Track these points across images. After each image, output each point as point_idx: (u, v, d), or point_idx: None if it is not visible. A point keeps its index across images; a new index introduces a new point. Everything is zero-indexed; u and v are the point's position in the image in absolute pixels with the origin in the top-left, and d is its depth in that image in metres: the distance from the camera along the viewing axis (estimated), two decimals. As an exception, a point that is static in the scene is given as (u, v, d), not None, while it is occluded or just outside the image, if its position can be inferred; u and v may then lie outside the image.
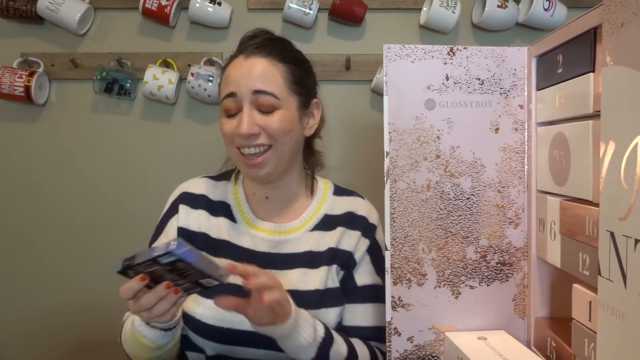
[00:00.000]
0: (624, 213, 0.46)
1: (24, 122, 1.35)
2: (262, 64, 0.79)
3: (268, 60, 0.80)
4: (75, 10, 1.26)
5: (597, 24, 0.54)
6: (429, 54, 0.71)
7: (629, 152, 0.45)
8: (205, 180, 0.92)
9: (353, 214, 0.89)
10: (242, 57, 0.81)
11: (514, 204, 0.73)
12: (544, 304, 0.72)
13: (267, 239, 0.85)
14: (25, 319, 1.38)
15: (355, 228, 0.87)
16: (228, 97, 0.79)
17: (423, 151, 0.71)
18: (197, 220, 0.87)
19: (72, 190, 1.36)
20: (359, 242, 0.87)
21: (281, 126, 0.78)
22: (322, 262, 0.84)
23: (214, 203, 0.88)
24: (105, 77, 1.29)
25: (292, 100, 0.81)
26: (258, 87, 0.77)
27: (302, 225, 0.87)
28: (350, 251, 0.86)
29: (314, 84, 0.88)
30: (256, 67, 0.79)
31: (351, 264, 0.86)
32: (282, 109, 0.79)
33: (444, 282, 0.72)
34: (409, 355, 0.73)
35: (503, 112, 0.72)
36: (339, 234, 0.86)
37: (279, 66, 0.80)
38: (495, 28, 1.32)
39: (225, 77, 0.82)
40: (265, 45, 0.81)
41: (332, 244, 0.85)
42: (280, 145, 0.79)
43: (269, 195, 0.88)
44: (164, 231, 0.87)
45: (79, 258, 1.36)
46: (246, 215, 0.87)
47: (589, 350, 0.55)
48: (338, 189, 0.94)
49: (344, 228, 0.87)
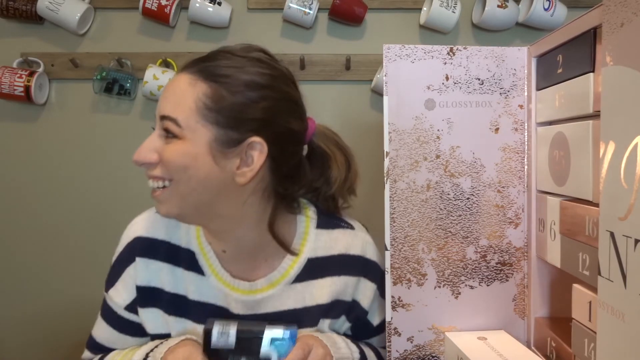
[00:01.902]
0: (623, 213, 0.46)
1: (24, 122, 1.35)
2: (182, 82, 0.62)
3: (191, 77, 0.62)
4: (75, 10, 1.26)
5: (597, 24, 0.54)
6: (429, 54, 0.71)
7: (628, 152, 0.45)
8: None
9: (345, 256, 0.74)
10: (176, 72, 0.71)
11: (514, 204, 0.73)
12: (544, 304, 0.72)
13: (241, 300, 0.70)
14: (25, 320, 1.38)
15: (352, 274, 0.74)
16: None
17: (423, 151, 0.71)
18: (159, 275, 0.70)
19: (72, 191, 1.36)
20: (361, 287, 0.75)
21: (174, 159, 0.61)
22: (308, 321, 0.72)
23: (177, 251, 0.71)
24: (105, 77, 1.29)
25: (201, 131, 0.61)
26: (163, 112, 0.62)
27: (281, 278, 0.71)
28: (355, 300, 0.75)
29: (268, 119, 0.63)
30: (173, 85, 0.63)
31: (360, 314, 0.76)
32: (182, 140, 0.61)
33: (444, 282, 0.72)
34: (409, 355, 0.73)
35: (503, 112, 0.72)
36: (332, 285, 0.72)
37: (198, 86, 0.61)
38: (495, 28, 1.32)
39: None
40: (205, 60, 0.65)
41: (322, 299, 0.72)
42: (177, 184, 0.62)
43: (225, 248, 0.71)
44: (121, 279, 0.71)
45: (78, 258, 1.37)
46: (215, 268, 0.71)
47: (589, 350, 0.55)
48: (322, 220, 0.75)
49: (337, 277, 0.73)
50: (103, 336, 0.74)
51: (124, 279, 0.71)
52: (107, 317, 0.74)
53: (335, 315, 0.74)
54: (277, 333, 0.64)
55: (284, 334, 0.64)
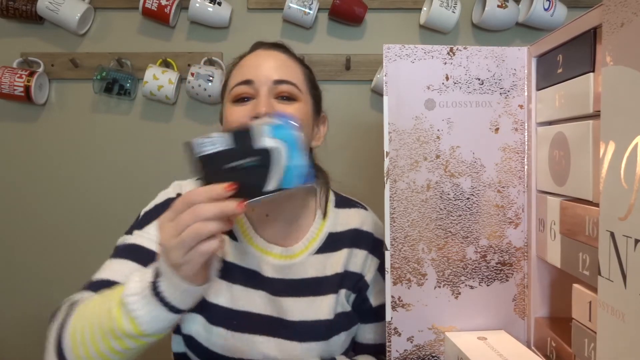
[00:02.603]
0: (624, 213, 0.46)
1: (24, 122, 1.35)
2: (282, 57, 0.76)
3: (289, 57, 0.78)
4: (75, 10, 1.26)
5: (597, 24, 0.54)
6: (428, 54, 0.71)
7: (629, 152, 0.45)
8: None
9: (359, 230, 0.83)
10: (262, 49, 0.78)
11: (514, 204, 0.73)
12: (544, 304, 0.72)
13: (273, 264, 0.77)
14: (25, 320, 1.38)
15: (362, 247, 0.82)
16: (242, 84, 0.73)
17: (423, 151, 0.71)
18: None
19: (72, 191, 1.36)
20: (368, 262, 0.82)
21: (300, 117, 0.73)
22: (329, 288, 0.78)
23: None
24: (105, 77, 1.29)
25: (309, 98, 0.77)
26: (279, 77, 0.73)
27: (306, 248, 0.79)
28: (360, 273, 0.81)
29: (320, 98, 0.84)
30: (277, 58, 0.75)
31: (362, 287, 0.81)
32: (301, 102, 0.74)
33: (444, 282, 0.72)
34: (409, 355, 0.73)
35: (503, 112, 0.72)
36: (345, 256, 0.80)
37: (298, 64, 0.78)
38: (495, 28, 1.32)
39: (239, 66, 0.77)
40: (281, 45, 0.80)
41: (338, 268, 0.79)
42: None
43: (270, 212, 0.79)
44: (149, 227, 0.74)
45: (78, 258, 1.37)
46: (249, 234, 0.78)
47: (589, 350, 0.55)
48: (340, 199, 0.87)
49: (349, 249, 0.81)
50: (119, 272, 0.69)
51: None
52: (127, 254, 0.71)
53: (349, 286, 0.80)
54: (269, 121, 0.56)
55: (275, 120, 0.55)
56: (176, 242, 0.51)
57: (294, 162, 0.54)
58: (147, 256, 0.70)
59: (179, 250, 0.51)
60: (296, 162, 0.54)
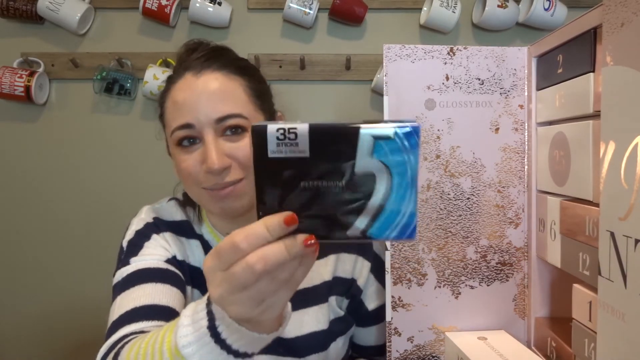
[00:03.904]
0: (624, 213, 0.46)
1: (24, 122, 1.35)
2: (219, 80, 0.65)
3: (224, 74, 0.66)
4: (75, 10, 1.26)
5: (597, 24, 0.54)
6: (429, 54, 0.71)
7: (629, 152, 0.45)
8: (176, 205, 0.77)
9: None
10: (191, 75, 0.66)
11: (514, 204, 0.73)
12: (544, 304, 0.72)
13: None
14: (25, 320, 1.38)
15: (350, 251, 0.78)
16: (182, 129, 0.64)
17: (423, 151, 0.71)
18: (184, 248, 0.72)
19: (72, 191, 1.36)
20: (359, 265, 0.78)
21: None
22: (318, 298, 0.75)
23: (193, 232, 0.75)
24: (105, 77, 1.29)
25: (258, 115, 0.68)
26: (222, 113, 0.63)
27: None
28: (351, 278, 0.77)
29: (270, 94, 0.74)
30: (212, 86, 0.64)
31: (355, 292, 0.78)
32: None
33: (444, 282, 0.72)
34: (409, 355, 0.73)
35: (503, 112, 0.72)
36: (333, 262, 0.76)
37: (237, 80, 0.66)
38: (495, 28, 1.32)
39: (172, 103, 0.67)
40: (214, 56, 0.68)
41: (327, 275, 0.76)
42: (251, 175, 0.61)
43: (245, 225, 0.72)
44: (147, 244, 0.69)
45: (78, 259, 1.37)
46: None
47: (589, 350, 0.55)
48: None
49: (337, 254, 0.77)
50: (142, 298, 0.61)
51: (152, 243, 0.71)
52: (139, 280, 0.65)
53: (339, 292, 0.77)
54: (385, 132, 0.35)
55: (397, 133, 0.35)
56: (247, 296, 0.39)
57: (401, 206, 0.37)
58: (166, 274, 0.66)
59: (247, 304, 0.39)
60: (403, 206, 0.36)
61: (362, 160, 0.36)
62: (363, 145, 0.35)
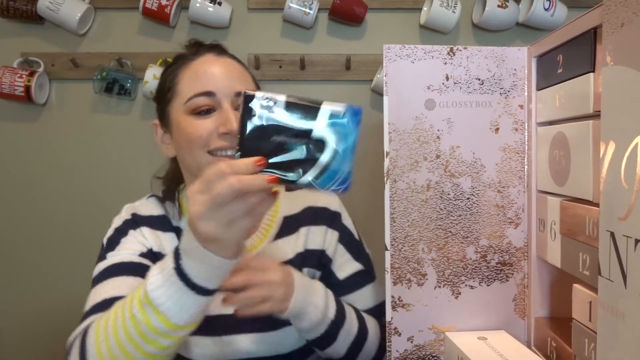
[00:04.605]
0: (624, 213, 0.46)
1: (24, 122, 1.35)
2: (235, 65, 0.75)
3: (237, 62, 0.76)
4: (75, 10, 1.26)
5: (597, 24, 0.54)
6: (429, 54, 0.71)
7: (629, 152, 0.45)
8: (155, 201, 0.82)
9: (313, 208, 0.83)
10: (212, 55, 0.75)
11: (514, 204, 0.73)
12: (544, 304, 0.72)
13: None
14: (24, 320, 1.38)
15: (319, 223, 0.82)
16: (202, 96, 0.70)
17: (423, 151, 0.71)
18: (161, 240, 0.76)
19: (72, 191, 1.36)
20: (327, 236, 0.82)
21: None
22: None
23: (172, 228, 0.78)
24: (105, 77, 1.29)
25: None
26: (240, 88, 0.71)
27: (264, 236, 0.79)
28: (321, 249, 0.81)
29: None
30: (232, 67, 0.74)
31: (326, 262, 0.81)
32: None
33: (444, 282, 0.72)
34: (409, 355, 0.73)
35: (503, 112, 0.72)
36: (304, 235, 0.80)
37: (248, 73, 0.77)
38: (496, 28, 1.31)
39: (192, 73, 0.73)
40: (225, 50, 0.78)
41: (299, 248, 0.79)
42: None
43: None
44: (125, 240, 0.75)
45: (78, 258, 1.36)
46: None
47: (589, 350, 0.55)
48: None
49: (307, 227, 0.81)
50: (115, 289, 0.68)
51: (129, 239, 0.76)
52: (114, 273, 0.70)
53: (311, 264, 0.80)
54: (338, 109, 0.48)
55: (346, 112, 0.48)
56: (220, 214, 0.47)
57: (341, 166, 0.48)
58: (138, 267, 0.70)
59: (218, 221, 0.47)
60: (343, 167, 0.48)
61: (319, 128, 0.48)
62: (321, 117, 0.48)
